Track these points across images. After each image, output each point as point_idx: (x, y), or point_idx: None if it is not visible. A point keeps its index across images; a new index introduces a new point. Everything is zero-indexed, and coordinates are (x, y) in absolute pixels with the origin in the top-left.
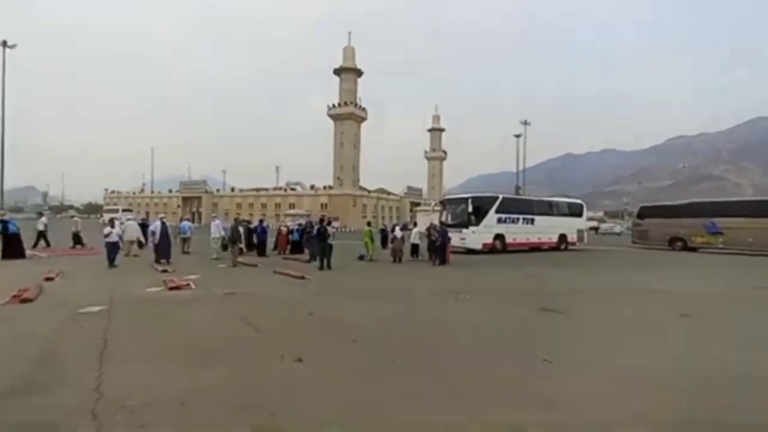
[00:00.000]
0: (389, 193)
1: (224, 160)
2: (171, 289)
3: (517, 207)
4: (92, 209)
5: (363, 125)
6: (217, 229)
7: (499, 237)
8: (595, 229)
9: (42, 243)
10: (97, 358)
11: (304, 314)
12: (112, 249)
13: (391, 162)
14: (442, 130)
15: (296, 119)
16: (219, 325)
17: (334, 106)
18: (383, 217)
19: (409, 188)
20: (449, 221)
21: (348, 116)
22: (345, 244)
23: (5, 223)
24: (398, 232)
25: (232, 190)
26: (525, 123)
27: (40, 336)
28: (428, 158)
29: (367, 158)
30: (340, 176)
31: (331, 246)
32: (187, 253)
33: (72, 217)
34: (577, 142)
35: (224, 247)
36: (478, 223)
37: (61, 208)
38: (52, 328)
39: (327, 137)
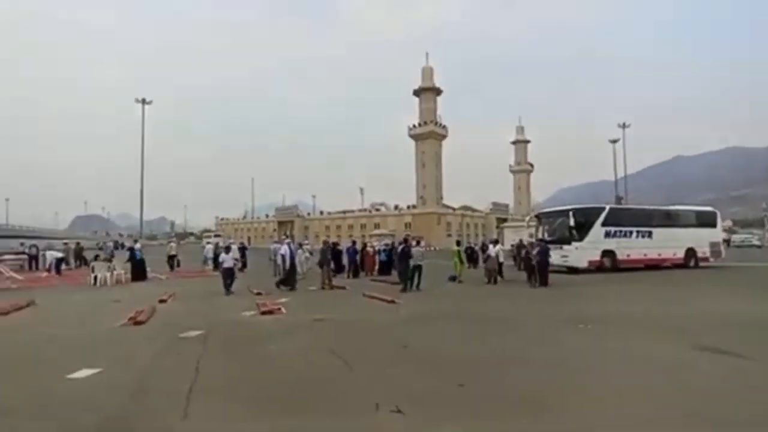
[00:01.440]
0: (474, 210)
1: (314, 186)
2: (263, 313)
3: (630, 218)
4: (215, 235)
5: (444, 142)
6: (286, 252)
7: (608, 253)
8: (727, 241)
9: (172, 265)
10: (185, 394)
11: (398, 346)
12: (228, 274)
13: (474, 178)
14: (527, 141)
15: (379, 142)
16: (308, 357)
17: (414, 126)
18: (468, 235)
19: (495, 204)
20: (546, 237)
21: (428, 135)
22: (430, 263)
23: (132, 250)
24: (492, 250)
25: (321, 213)
26: (623, 126)
27: (141, 362)
28: (513, 172)
29: (450, 175)
30: (424, 195)
31: (420, 267)
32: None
33: (169, 243)
34: (688, 141)
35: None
36: (581, 239)
37: (183, 235)
38: (154, 352)
39: (409, 157)
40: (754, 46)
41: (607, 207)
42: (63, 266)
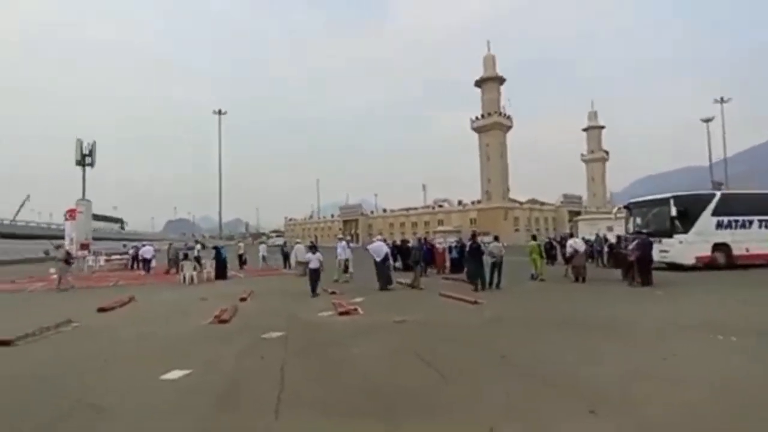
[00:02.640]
0: (543, 203)
1: (376, 184)
2: (341, 314)
3: (748, 205)
4: (280, 234)
5: (509, 134)
6: (343, 250)
7: (720, 247)
8: None
9: (241, 263)
10: (274, 402)
11: (494, 355)
12: (314, 276)
13: (542, 170)
14: (601, 127)
15: (441, 138)
16: (394, 363)
17: (477, 118)
18: (537, 230)
19: (566, 196)
20: (640, 230)
21: (492, 126)
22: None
23: (218, 249)
24: (579, 245)
25: (384, 211)
26: (721, 101)
27: (227, 364)
28: (586, 161)
29: (516, 168)
30: (489, 189)
31: (500, 264)
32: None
33: (238, 243)
34: None
35: (345, 270)
36: (686, 230)
37: (257, 235)
38: (238, 354)
39: (473, 151)
40: None
41: (718, 193)
42: (153, 264)
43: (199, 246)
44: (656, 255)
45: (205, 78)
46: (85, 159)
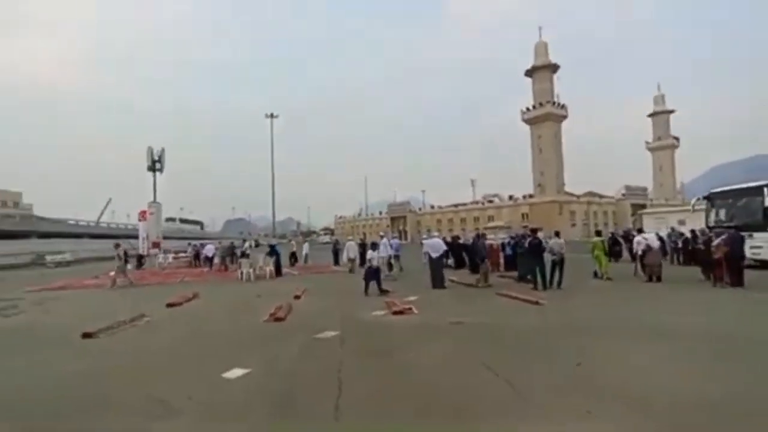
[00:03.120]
0: (602, 196)
1: (423, 181)
2: (395, 313)
3: None
4: (331, 232)
5: (564, 124)
6: (385, 248)
7: None
8: None
9: (292, 261)
10: (332, 409)
11: (566, 363)
12: (371, 275)
13: (601, 160)
14: (670, 112)
15: (490, 133)
16: (457, 368)
17: (528, 109)
18: (596, 224)
19: (628, 188)
20: (721, 223)
21: (545, 117)
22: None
23: (273, 247)
24: (652, 241)
25: (432, 207)
26: None
27: (285, 364)
28: (652, 149)
29: (572, 159)
30: (541, 183)
31: (561, 262)
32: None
33: (290, 241)
34: None
35: (389, 266)
36: None
37: (308, 233)
38: (295, 354)
39: (524, 144)
40: None
41: None
42: (216, 261)
43: (246, 244)
44: (747, 251)
45: (259, 81)
46: (155, 164)
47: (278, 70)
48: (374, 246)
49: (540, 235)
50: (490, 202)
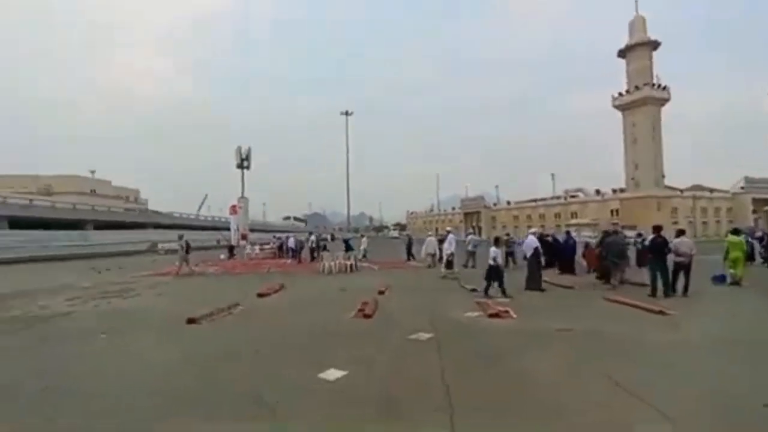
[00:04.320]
0: (712, 190)
1: (496, 176)
2: (491, 316)
3: None
4: (401, 228)
5: (664, 109)
6: (450, 244)
7: None
8: None
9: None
10: (444, 422)
11: (729, 391)
12: (495, 274)
13: (711, 150)
14: None
15: (568, 121)
16: (583, 386)
17: (620, 94)
18: (704, 222)
19: (749, 180)
20: None
21: (642, 102)
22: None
23: (347, 242)
24: None
25: (508, 203)
26: None
27: (381, 368)
28: None
29: (671, 149)
30: (635, 176)
31: (689, 265)
32: (473, 267)
33: (362, 236)
34: None
35: (449, 264)
36: None
37: (380, 228)
38: (390, 355)
39: (612, 133)
40: None
41: None
42: (304, 255)
43: (312, 237)
44: None
45: (334, 81)
46: (243, 163)
47: (352, 67)
48: (497, 242)
49: (630, 233)
50: (573, 197)
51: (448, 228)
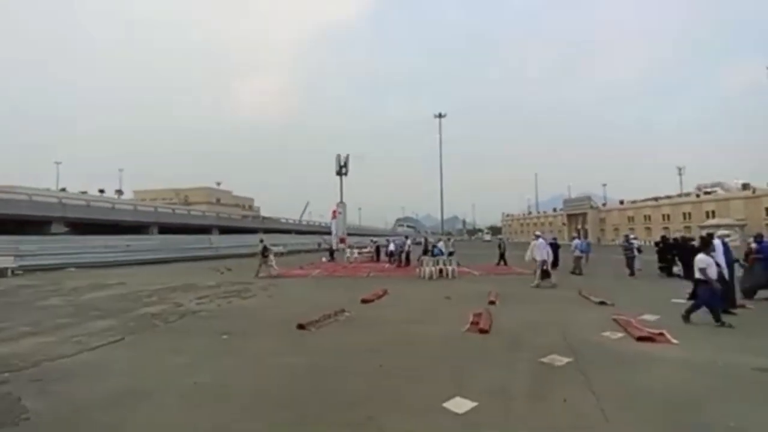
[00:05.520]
0: None
1: (604, 174)
2: (640, 339)
3: None
4: (495, 231)
5: None
6: (540, 250)
7: None
8: None
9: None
10: None
11: None
12: (719, 298)
13: None
14: None
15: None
16: None
17: None
18: None
19: None
20: None
21: None
22: None
23: (434, 247)
24: None
25: (621, 202)
26: None
27: (519, 403)
28: None
29: None
30: None
31: None
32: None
33: (449, 240)
34: None
35: (544, 273)
36: None
37: (473, 232)
38: (526, 385)
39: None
40: None
41: None
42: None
43: (408, 241)
44: None
45: (426, 84)
46: (341, 169)
47: (445, 69)
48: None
49: None
50: (707, 193)
51: (537, 232)
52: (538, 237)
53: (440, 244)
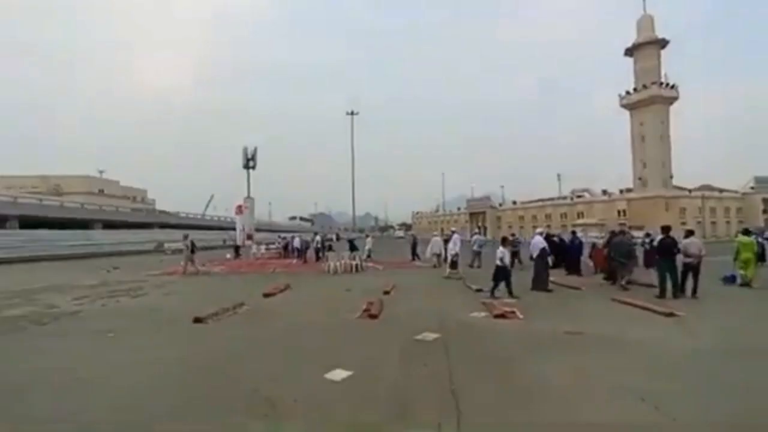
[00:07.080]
0: (722, 190)
1: (504, 177)
2: (496, 316)
3: None
4: (406, 228)
5: (673, 108)
6: (455, 244)
7: None
8: None
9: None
10: (454, 428)
11: (756, 400)
12: (503, 275)
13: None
14: None
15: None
16: (604, 397)
17: (628, 93)
18: (713, 223)
19: (759, 180)
20: None
21: (650, 101)
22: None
23: (352, 242)
24: None
25: (514, 203)
26: None
27: (388, 369)
28: None
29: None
30: (643, 176)
31: (698, 266)
32: (479, 267)
33: (367, 236)
34: None
35: (453, 265)
36: None
37: (384, 228)
38: (397, 357)
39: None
40: None
41: None
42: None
43: (318, 237)
44: None
45: (339, 79)
46: (248, 162)
47: (358, 67)
48: (504, 242)
49: (638, 233)
50: (579, 197)
51: (453, 228)
52: (453, 233)
53: (369, 240)
